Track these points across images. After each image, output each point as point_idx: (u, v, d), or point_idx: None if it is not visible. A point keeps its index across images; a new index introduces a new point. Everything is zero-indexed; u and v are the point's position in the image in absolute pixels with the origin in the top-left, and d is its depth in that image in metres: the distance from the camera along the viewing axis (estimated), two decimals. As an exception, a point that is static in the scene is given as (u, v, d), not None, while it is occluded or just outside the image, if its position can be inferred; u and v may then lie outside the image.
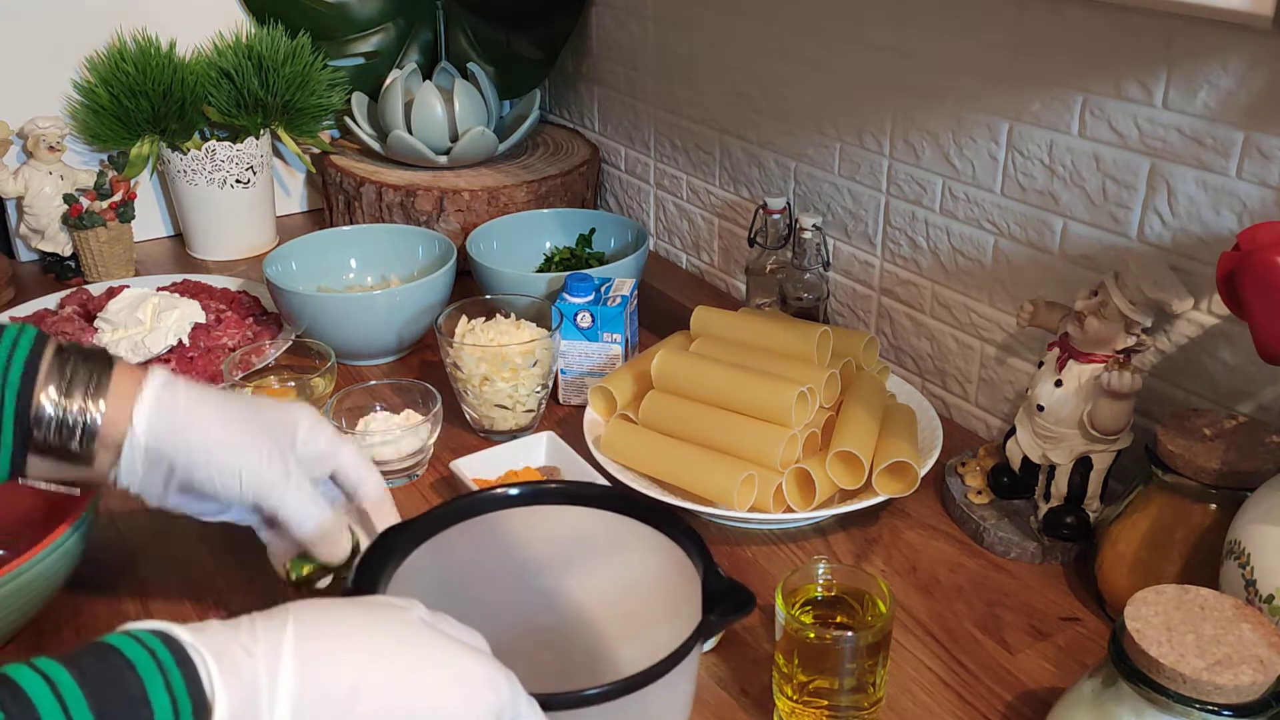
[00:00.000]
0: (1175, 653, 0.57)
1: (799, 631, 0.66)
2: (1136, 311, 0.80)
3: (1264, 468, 0.71)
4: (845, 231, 1.13)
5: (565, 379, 1.07)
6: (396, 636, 0.48)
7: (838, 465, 0.88)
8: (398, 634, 0.49)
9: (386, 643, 0.48)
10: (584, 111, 1.52)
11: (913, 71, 1.00)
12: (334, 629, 0.47)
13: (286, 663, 0.45)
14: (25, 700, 0.39)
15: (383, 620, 0.49)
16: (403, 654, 0.48)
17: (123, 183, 1.32)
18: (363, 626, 0.48)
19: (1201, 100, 0.78)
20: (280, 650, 0.45)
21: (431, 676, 0.48)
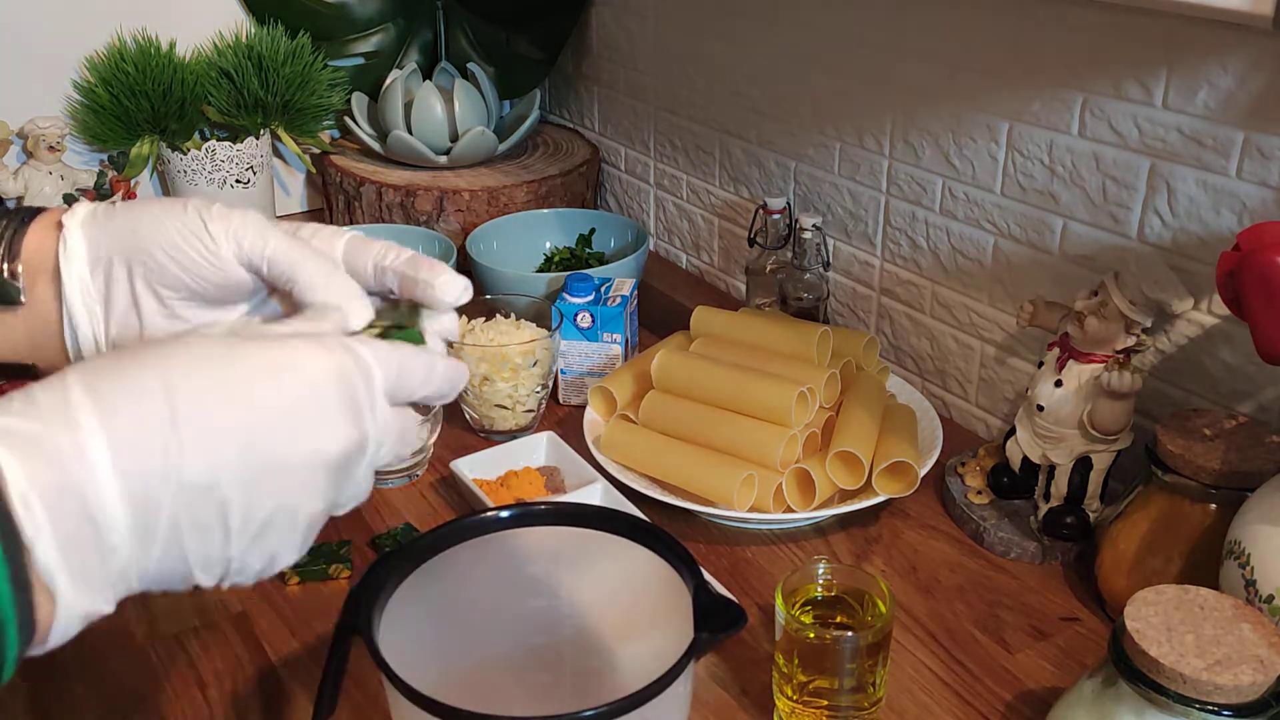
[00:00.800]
0: (1175, 653, 0.57)
1: (799, 631, 0.66)
2: (1136, 311, 0.79)
3: (1264, 468, 0.71)
4: (845, 231, 1.13)
5: (565, 379, 1.07)
6: (196, 351, 0.42)
7: (838, 465, 0.88)
8: (197, 349, 0.42)
9: (185, 358, 0.41)
10: (584, 111, 1.52)
11: (913, 71, 1.00)
12: (120, 364, 0.40)
13: (77, 400, 0.38)
14: None
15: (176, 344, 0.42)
16: (212, 364, 0.41)
17: (123, 183, 1.32)
18: (154, 353, 0.41)
19: (1201, 100, 0.78)
20: (67, 391, 0.39)
21: (252, 372, 0.42)
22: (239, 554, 0.42)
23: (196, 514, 0.40)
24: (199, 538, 0.41)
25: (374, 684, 0.70)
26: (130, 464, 0.38)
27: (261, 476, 0.42)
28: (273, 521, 0.43)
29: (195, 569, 0.42)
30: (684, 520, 0.90)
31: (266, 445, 0.42)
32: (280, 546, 0.44)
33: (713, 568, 0.85)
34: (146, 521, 0.39)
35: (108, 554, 0.39)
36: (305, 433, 0.43)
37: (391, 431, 0.47)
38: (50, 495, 0.37)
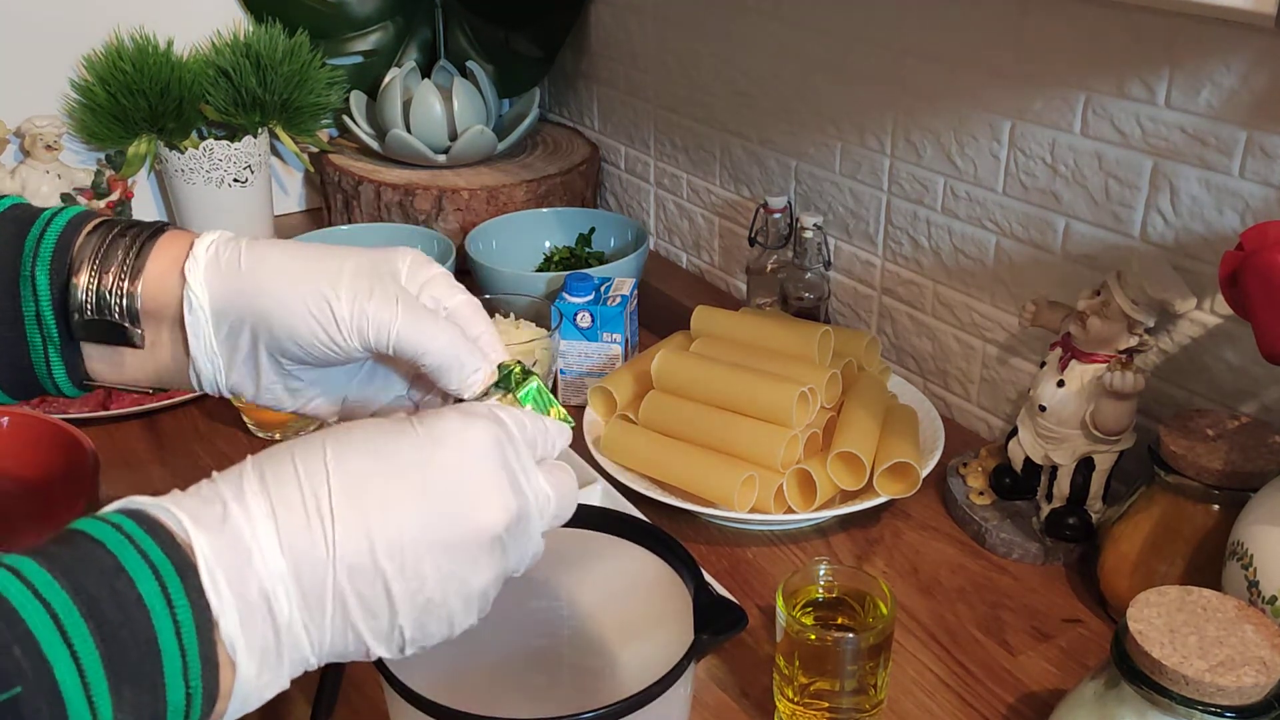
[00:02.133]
0: (1178, 654, 0.56)
1: (800, 633, 0.65)
2: (1139, 311, 0.79)
3: (1267, 468, 0.71)
4: (846, 231, 1.13)
5: (565, 379, 1.07)
6: (357, 437, 0.44)
7: (839, 466, 0.88)
8: (359, 436, 0.45)
9: (347, 447, 0.44)
10: (583, 110, 1.52)
11: (914, 70, 1.00)
12: (292, 453, 0.44)
13: (251, 488, 0.42)
14: (15, 618, 0.36)
15: (342, 432, 0.45)
16: (370, 450, 0.44)
17: (120, 181, 1.32)
18: (321, 441, 0.44)
19: (1204, 99, 0.78)
20: (243, 481, 0.42)
21: (409, 456, 0.44)
22: (411, 625, 0.44)
23: (360, 591, 0.42)
24: (365, 613, 0.43)
25: (373, 686, 0.70)
26: (296, 545, 0.41)
27: (421, 553, 0.43)
28: (441, 596, 0.44)
29: (369, 641, 0.44)
30: (684, 521, 0.90)
31: (422, 523, 0.43)
32: (455, 617, 0.45)
33: (713, 569, 0.85)
34: (313, 599, 0.42)
35: (281, 630, 0.41)
36: (461, 507, 0.44)
37: (548, 490, 0.49)
38: (231, 573, 0.40)
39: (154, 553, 0.39)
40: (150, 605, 0.38)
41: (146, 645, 0.38)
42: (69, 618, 0.37)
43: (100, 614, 0.37)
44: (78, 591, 0.37)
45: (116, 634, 0.37)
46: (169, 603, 0.38)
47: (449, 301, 0.54)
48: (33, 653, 0.36)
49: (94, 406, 1.04)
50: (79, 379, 0.54)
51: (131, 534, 0.39)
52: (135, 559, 0.39)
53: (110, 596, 0.38)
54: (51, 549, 0.39)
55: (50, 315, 0.51)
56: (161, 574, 0.39)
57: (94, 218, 0.53)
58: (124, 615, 0.38)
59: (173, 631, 0.38)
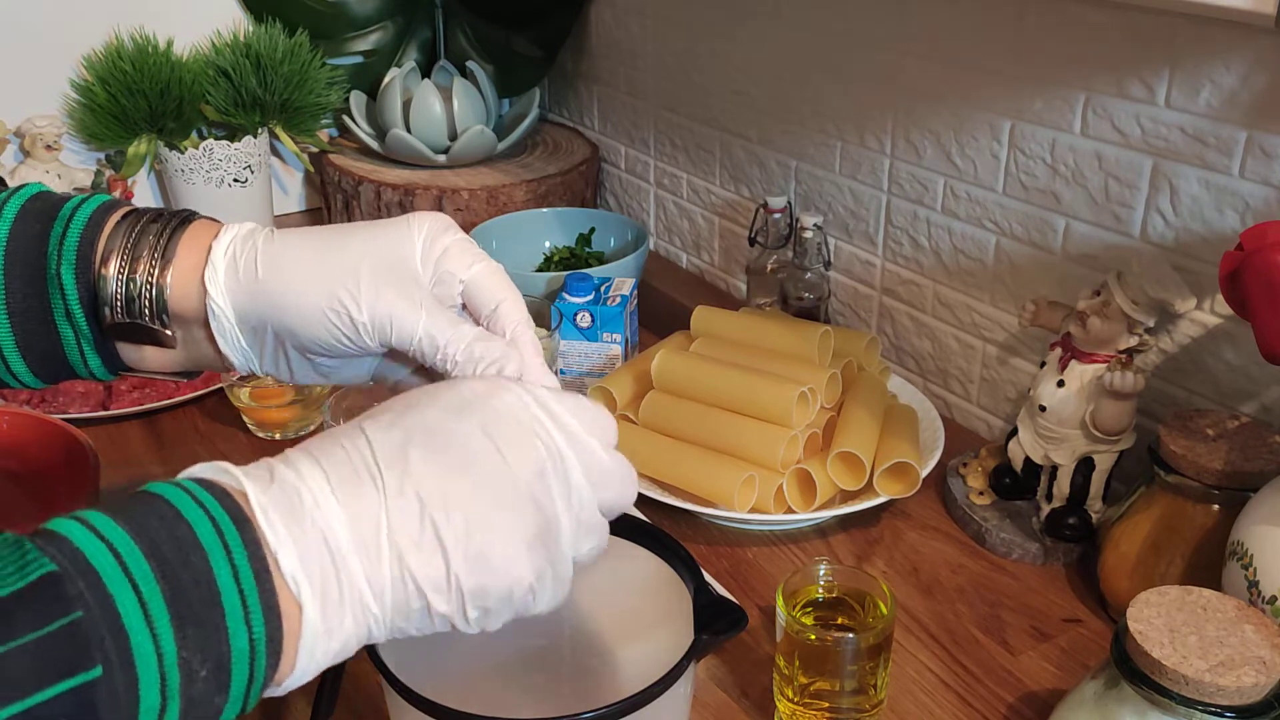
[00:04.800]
0: (1178, 654, 0.56)
1: (800, 633, 0.65)
2: (1139, 311, 0.79)
3: (1267, 468, 0.71)
4: (846, 231, 1.13)
5: (565, 379, 1.07)
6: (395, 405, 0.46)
7: (839, 466, 0.88)
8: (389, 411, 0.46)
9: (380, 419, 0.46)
10: (583, 110, 1.52)
11: (914, 70, 1.00)
12: (329, 433, 0.45)
13: (297, 455, 0.43)
14: (77, 554, 0.37)
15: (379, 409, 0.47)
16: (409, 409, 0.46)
17: (120, 181, 1.32)
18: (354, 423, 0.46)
19: (1204, 99, 0.78)
20: (286, 454, 0.44)
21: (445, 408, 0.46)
22: (464, 572, 0.44)
23: (413, 537, 0.43)
24: (420, 561, 0.43)
25: (373, 686, 0.70)
26: (346, 495, 0.42)
27: (463, 495, 0.44)
28: (490, 539, 0.44)
29: (429, 592, 0.43)
30: (684, 521, 0.90)
31: (461, 466, 0.44)
32: (510, 565, 0.45)
33: (713, 569, 0.85)
34: (370, 545, 0.42)
35: (340, 569, 0.41)
36: (495, 451, 0.45)
37: (594, 457, 0.47)
38: (287, 516, 0.41)
39: (211, 505, 0.40)
40: (208, 550, 0.39)
41: (207, 587, 0.38)
42: (130, 555, 0.37)
43: (161, 555, 0.38)
44: (139, 533, 0.38)
45: (178, 575, 0.38)
46: (226, 548, 0.39)
47: (465, 273, 0.54)
48: (97, 590, 0.36)
49: (94, 406, 1.04)
50: (115, 367, 0.55)
51: (190, 489, 0.40)
52: (195, 509, 0.40)
53: (170, 540, 0.38)
54: (113, 504, 0.40)
55: (80, 313, 0.52)
56: (218, 522, 0.40)
57: (119, 206, 0.54)
58: (184, 558, 0.38)
59: (231, 575, 0.39)
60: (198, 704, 0.38)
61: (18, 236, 0.52)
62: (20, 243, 0.51)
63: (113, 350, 0.54)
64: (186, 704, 0.38)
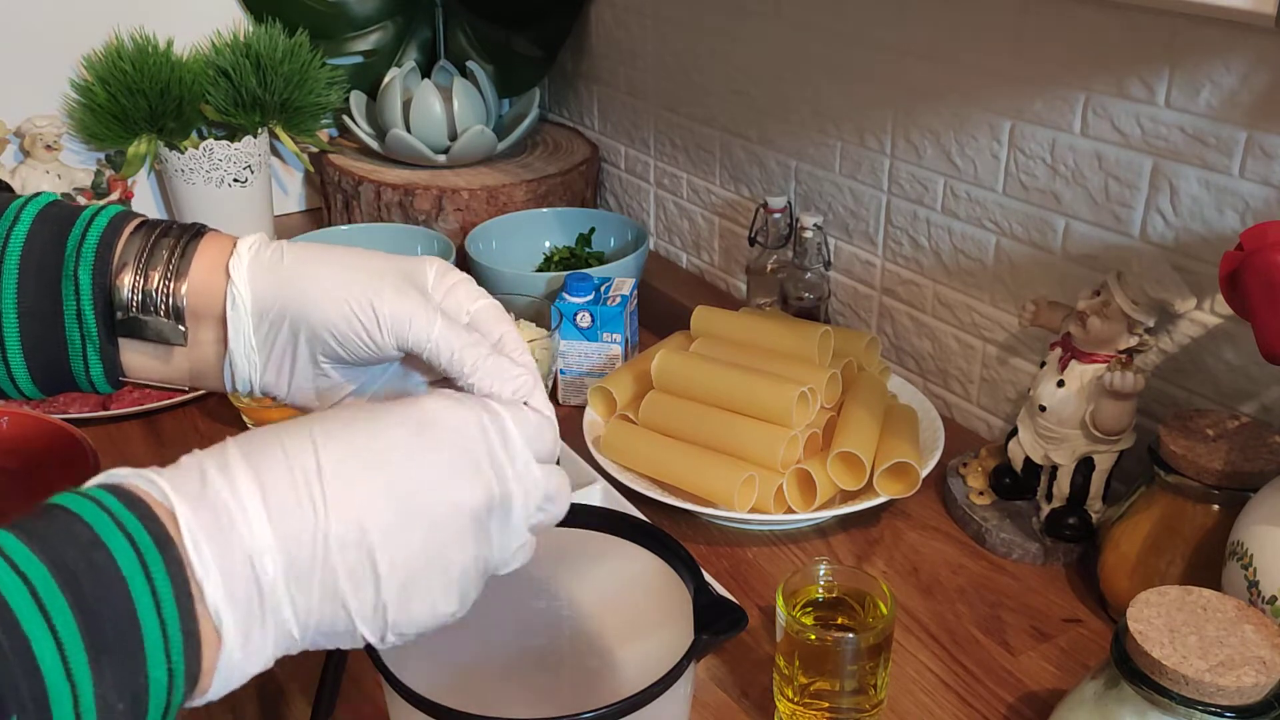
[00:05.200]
0: (1178, 654, 0.56)
1: (800, 633, 0.65)
2: (1139, 311, 0.79)
3: (1267, 468, 0.71)
4: (846, 231, 1.13)
5: (565, 379, 1.07)
6: (342, 417, 0.45)
7: (839, 466, 0.88)
8: (343, 415, 0.46)
9: (331, 425, 0.45)
10: (583, 110, 1.52)
11: (914, 70, 1.00)
12: (275, 433, 0.44)
13: (235, 461, 0.42)
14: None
15: (324, 415, 0.46)
16: (355, 427, 0.45)
17: (120, 181, 1.32)
18: (304, 423, 0.45)
19: (1204, 99, 0.78)
20: (226, 454, 0.42)
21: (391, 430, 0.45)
22: (394, 602, 0.44)
23: (347, 561, 0.42)
24: (352, 585, 0.43)
25: (372, 686, 0.70)
26: (282, 516, 0.41)
27: (404, 524, 0.44)
28: (423, 571, 0.44)
29: (355, 619, 0.43)
30: (684, 521, 0.90)
31: (406, 494, 0.44)
32: (436, 598, 0.45)
33: (713, 569, 0.85)
34: (301, 569, 0.41)
35: (266, 596, 0.41)
36: (443, 482, 0.45)
37: (538, 488, 0.49)
38: (215, 539, 0.40)
39: (132, 525, 0.39)
40: (128, 577, 0.38)
41: (126, 618, 0.37)
42: (46, 590, 0.36)
43: (78, 587, 0.36)
44: (55, 565, 0.37)
45: (95, 607, 0.36)
46: (148, 576, 0.38)
47: (472, 306, 0.55)
48: (9, 627, 0.35)
49: (94, 406, 1.04)
50: (115, 377, 0.54)
51: (110, 507, 0.39)
52: (113, 532, 0.38)
53: (88, 570, 0.37)
54: (29, 523, 0.38)
55: (91, 314, 0.52)
56: (140, 547, 0.38)
57: (134, 217, 0.54)
58: (102, 589, 0.37)
59: (152, 604, 0.38)
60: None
61: (35, 238, 0.52)
62: (38, 243, 0.52)
63: (115, 358, 0.54)
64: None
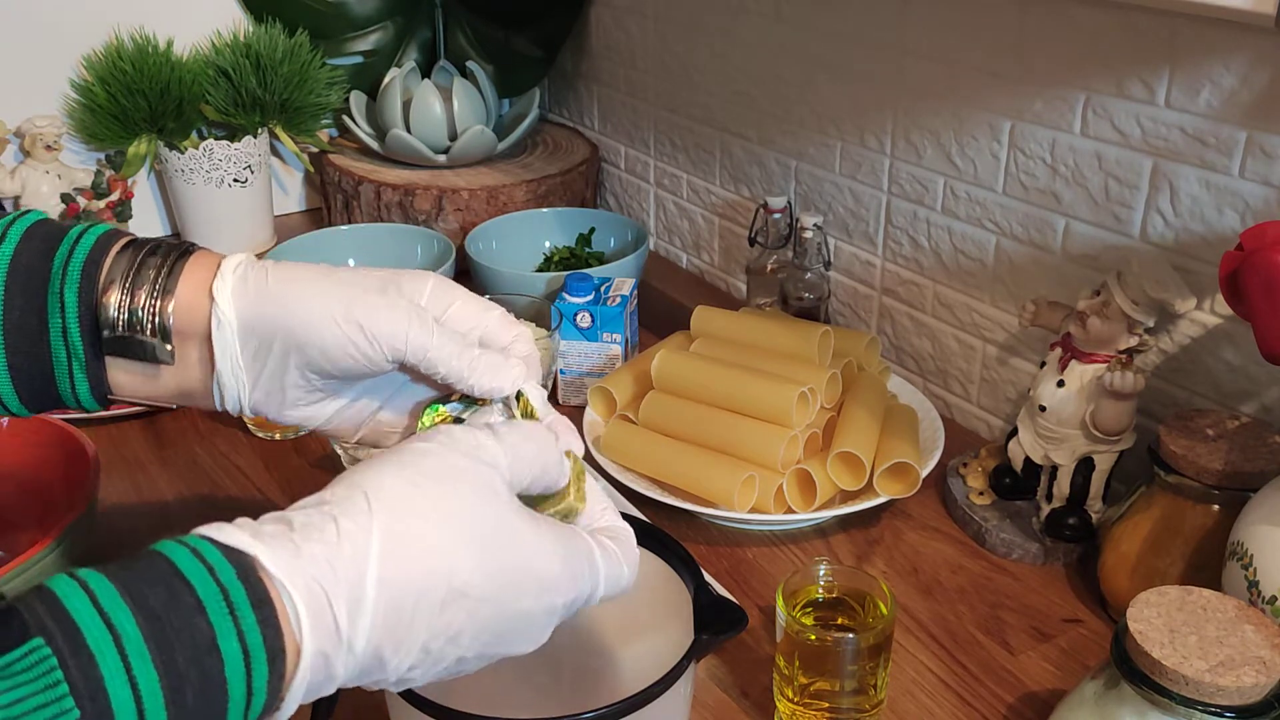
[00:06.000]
0: (1178, 654, 0.56)
1: (800, 633, 0.65)
2: (1139, 311, 0.79)
3: (1267, 468, 0.71)
4: (846, 231, 1.13)
5: (565, 379, 1.07)
6: (483, 531, 0.45)
7: (839, 466, 0.88)
8: (485, 529, 0.45)
9: (471, 548, 0.44)
10: (583, 110, 1.52)
11: (914, 70, 1.00)
12: (419, 527, 0.43)
13: (370, 594, 0.41)
14: (86, 653, 0.35)
15: (473, 511, 0.45)
16: (486, 557, 0.45)
17: (120, 182, 1.32)
18: (453, 528, 0.44)
19: (1204, 99, 0.78)
20: (365, 574, 0.41)
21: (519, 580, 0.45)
22: (452, 669, 0.46)
23: (436, 624, 0.43)
24: (435, 652, 0.44)
25: (373, 686, 0.70)
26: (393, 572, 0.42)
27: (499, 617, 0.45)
28: (491, 647, 0.46)
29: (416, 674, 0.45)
30: (684, 521, 0.90)
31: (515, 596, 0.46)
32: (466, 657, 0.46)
33: (713, 569, 0.85)
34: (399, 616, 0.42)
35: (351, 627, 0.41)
36: (545, 587, 0.47)
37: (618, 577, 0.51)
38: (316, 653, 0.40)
39: (253, 641, 0.39)
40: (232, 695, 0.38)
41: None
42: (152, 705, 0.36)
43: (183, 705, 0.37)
44: (167, 672, 0.37)
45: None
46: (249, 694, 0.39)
47: (483, 319, 0.56)
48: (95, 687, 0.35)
49: (94, 406, 1.04)
50: (102, 395, 0.54)
51: (236, 606, 0.39)
52: (232, 642, 0.38)
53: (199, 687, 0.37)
54: (153, 599, 0.38)
55: (77, 332, 0.52)
56: (252, 669, 0.39)
57: (121, 236, 0.54)
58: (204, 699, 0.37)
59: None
60: None
61: (21, 255, 0.52)
62: (24, 260, 0.51)
63: (102, 377, 0.53)
64: None
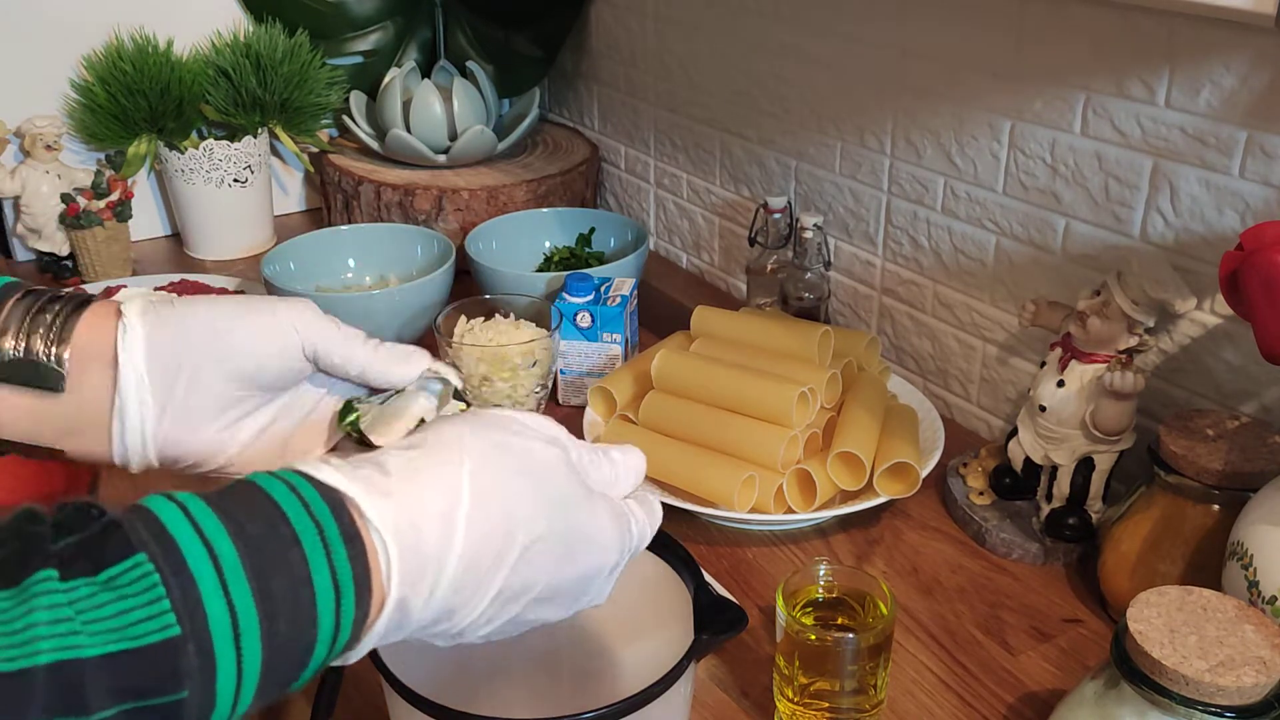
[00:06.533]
0: (1178, 654, 0.56)
1: (800, 633, 0.65)
2: (1139, 311, 0.79)
3: (1267, 468, 0.71)
4: (846, 231, 1.13)
5: (565, 379, 1.07)
6: (553, 492, 0.48)
7: (839, 466, 0.88)
8: (554, 490, 0.48)
9: (543, 505, 0.47)
10: (583, 110, 1.52)
11: (914, 70, 1.00)
12: (504, 481, 0.45)
13: (458, 538, 0.43)
14: (186, 573, 0.36)
15: (547, 474, 0.48)
16: (555, 515, 0.47)
17: (120, 182, 1.32)
18: (530, 483, 0.47)
19: (1204, 99, 0.78)
20: (454, 521, 0.43)
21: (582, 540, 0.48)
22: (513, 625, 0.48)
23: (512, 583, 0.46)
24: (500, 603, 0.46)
25: (373, 686, 0.70)
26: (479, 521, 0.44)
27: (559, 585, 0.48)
28: (556, 601, 0.49)
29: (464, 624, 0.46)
30: (684, 521, 0.90)
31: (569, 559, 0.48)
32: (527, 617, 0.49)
33: (713, 569, 0.85)
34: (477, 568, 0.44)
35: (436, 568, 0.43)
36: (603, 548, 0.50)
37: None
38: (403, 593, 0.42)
39: (344, 577, 0.40)
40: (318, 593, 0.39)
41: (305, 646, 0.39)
42: (247, 630, 0.37)
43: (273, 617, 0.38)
44: (261, 596, 0.38)
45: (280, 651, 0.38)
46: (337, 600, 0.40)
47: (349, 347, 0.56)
48: (207, 658, 0.36)
49: (94, 406, 1.04)
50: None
51: (330, 543, 0.40)
52: (324, 574, 0.40)
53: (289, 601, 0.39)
54: (251, 529, 0.39)
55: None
56: (341, 605, 0.40)
57: (21, 288, 0.51)
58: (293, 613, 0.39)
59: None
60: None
61: None
62: None
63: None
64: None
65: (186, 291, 1.20)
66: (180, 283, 1.23)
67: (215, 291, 1.22)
